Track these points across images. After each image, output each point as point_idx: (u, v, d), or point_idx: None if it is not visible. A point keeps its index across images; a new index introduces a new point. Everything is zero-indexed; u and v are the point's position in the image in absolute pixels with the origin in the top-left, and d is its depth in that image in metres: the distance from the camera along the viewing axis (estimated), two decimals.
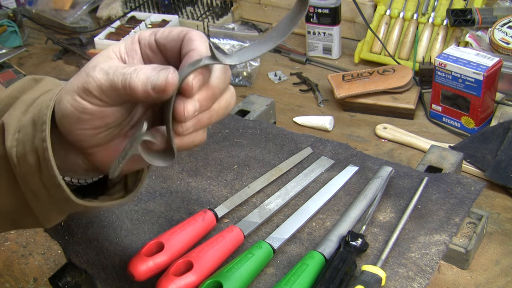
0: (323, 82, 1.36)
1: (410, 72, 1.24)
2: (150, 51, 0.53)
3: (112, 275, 0.70)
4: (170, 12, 1.78)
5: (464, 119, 1.13)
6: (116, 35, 1.67)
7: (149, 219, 0.75)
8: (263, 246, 0.66)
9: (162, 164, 0.51)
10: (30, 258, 1.01)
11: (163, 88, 0.47)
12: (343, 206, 0.75)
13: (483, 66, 1.06)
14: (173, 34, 0.52)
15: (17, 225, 0.60)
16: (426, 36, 1.36)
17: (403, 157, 1.10)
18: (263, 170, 0.82)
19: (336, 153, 0.84)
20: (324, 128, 1.20)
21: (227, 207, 0.74)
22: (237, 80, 1.41)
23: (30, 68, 1.60)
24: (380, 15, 1.42)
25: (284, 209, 0.75)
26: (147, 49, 0.53)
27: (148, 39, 0.53)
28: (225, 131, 0.91)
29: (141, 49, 0.53)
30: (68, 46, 1.63)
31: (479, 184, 0.75)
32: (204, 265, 0.63)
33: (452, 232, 0.68)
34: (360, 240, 0.66)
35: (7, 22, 1.70)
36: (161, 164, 0.51)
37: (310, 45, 1.49)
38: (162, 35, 0.52)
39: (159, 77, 0.47)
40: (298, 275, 0.61)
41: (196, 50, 0.49)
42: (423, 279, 0.63)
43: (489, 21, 1.27)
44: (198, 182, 0.81)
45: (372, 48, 1.41)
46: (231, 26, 1.45)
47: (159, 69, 0.47)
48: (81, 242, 0.73)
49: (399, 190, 0.76)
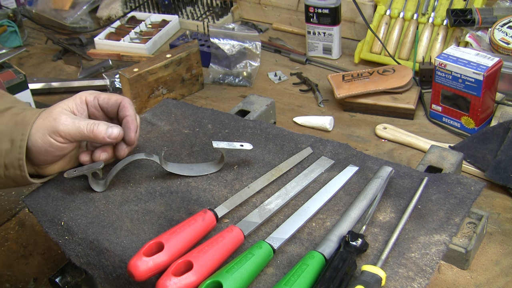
0: (323, 82, 1.36)
1: (410, 72, 1.24)
2: (95, 110, 0.83)
3: (112, 275, 0.70)
4: (170, 12, 1.78)
5: (464, 119, 1.13)
6: (116, 35, 1.67)
7: (149, 219, 0.75)
8: (263, 246, 0.66)
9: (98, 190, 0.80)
10: (30, 258, 1.01)
11: (116, 137, 0.78)
12: (343, 206, 0.75)
13: (483, 66, 1.06)
14: (112, 101, 0.82)
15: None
16: (426, 36, 1.36)
17: (403, 157, 1.10)
18: (263, 170, 0.82)
19: (336, 153, 0.84)
20: (324, 128, 1.20)
21: (227, 207, 0.74)
22: (237, 80, 1.41)
23: (30, 68, 1.60)
24: (380, 15, 1.42)
25: (284, 209, 0.75)
26: (93, 108, 0.82)
27: (93, 102, 0.82)
28: (225, 131, 0.91)
29: (88, 108, 0.82)
30: (68, 46, 1.63)
31: (479, 184, 0.75)
32: (204, 265, 0.63)
33: (452, 232, 0.68)
34: (360, 240, 0.66)
35: (7, 22, 1.70)
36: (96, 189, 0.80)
37: (310, 45, 1.49)
38: (104, 101, 0.82)
39: (114, 131, 0.78)
40: (298, 275, 0.61)
41: (130, 116, 0.81)
42: (423, 279, 0.63)
43: (489, 21, 1.27)
44: (198, 182, 0.81)
45: (372, 48, 1.42)
46: (231, 26, 1.45)
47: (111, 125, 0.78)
48: (81, 242, 0.73)
49: (399, 190, 0.76)
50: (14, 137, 0.75)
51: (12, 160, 0.76)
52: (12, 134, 0.76)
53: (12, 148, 0.75)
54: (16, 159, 0.75)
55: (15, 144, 0.75)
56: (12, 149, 0.75)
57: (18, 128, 0.76)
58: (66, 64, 1.61)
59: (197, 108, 0.98)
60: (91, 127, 0.76)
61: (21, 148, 0.75)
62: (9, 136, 0.76)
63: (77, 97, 0.82)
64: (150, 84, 1.29)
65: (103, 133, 0.77)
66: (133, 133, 0.80)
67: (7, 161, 0.76)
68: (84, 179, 0.82)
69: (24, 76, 1.31)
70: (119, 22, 1.75)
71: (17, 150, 0.75)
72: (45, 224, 0.77)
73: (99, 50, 1.63)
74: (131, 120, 0.81)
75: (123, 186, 0.81)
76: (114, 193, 0.80)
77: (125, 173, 0.84)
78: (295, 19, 1.64)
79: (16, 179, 0.78)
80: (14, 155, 0.75)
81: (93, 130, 0.76)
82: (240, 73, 1.41)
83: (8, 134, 0.76)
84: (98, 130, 0.77)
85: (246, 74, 1.41)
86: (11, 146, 0.75)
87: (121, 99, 0.82)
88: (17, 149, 0.75)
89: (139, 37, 1.66)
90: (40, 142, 0.75)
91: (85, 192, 0.80)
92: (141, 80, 1.27)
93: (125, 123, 0.81)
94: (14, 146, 0.75)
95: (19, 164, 0.76)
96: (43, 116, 0.77)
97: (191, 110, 0.97)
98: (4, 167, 0.77)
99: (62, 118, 0.76)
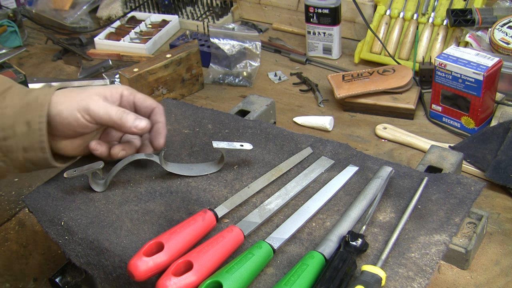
0: (323, 82, 1.36)
1: (410, 72, 1.24)
2: (128, 105, 0.83)
3: (112, 275, 0.70)
4: (170, 12, 1.78)
5: (464, 119, 1.13)
6: (116, 35, 1.67)
7: (149, 219, 0.75)
8: (263, 246, 0.66)
9: (98, 190, 0.80)
10: (30, 258, 1.01)
11: (143, 129, 0.79)
12: (343, 206, 0.75)
13: (483, 66, 1.06)
14: (147, 103, 0.83)
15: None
16: (426, 36, 1.36)
17: (403, 157, 1.10)
18: (263, 170, 0.82)
19: (336, 153, 0.84)
20: (324, 128, 1.20)
21: (227, 207, 0.74)
22: (237, 80, 1.41)
23: (30, 68, 1.60)
24: (380, 15, 1.42)
25: (284, 209, 0.75)
26: (126, 103, 0.83)
27: (129, 98, 0.82)
28: (225, 131, 0.91)
29: (121, 102, 0.82)
30: (68, 46, 1.63)
31: (479, 184, 0.75)
32: (204, 265, 0.63)
33: (452, 232, 0.68)
34: (360, 240, 0.66)
35: (7, 22, 1.70)
36: (97, 190, 0.80)
37: (310, 45, 1.49)
38: (139, 100, 0.83)
39: (142, 122, 0.79)
40: (298, 275, 0.61)
41: (162, 123, 0.83)
42: (423, 279, 0.63)
43: (489, 21, 1.27)
44: (198, 182, 0.81)
45: (372, 48, 1.42)
46: (231, 26, 1.45)
47: (140, 117, 0.79)
48: (81, 242, 0.73)
49: (399, 190, 0.76)
50: (30, 118, 0.74)
51: (32, 143, 0.75)
52: (26, 116, 0.74)
53: (30, 130, 0.74)
54: (38, 141, 0.74)
55: (33, 127, 0.74)
56: (30, 132, 0.74)
57: (33, 109, 0.74)
58: (66, 64, 1.61)
59: (197, 108, 0.98)
60: (121, 114, 0.77)
61: (41, 130, 0.74)
62: (23, 118, 0.74)
63: (113, 87, 0.82)
64: (150, 84, 1.29)
65: (131, 122, 0.78)
66: (162, 139, 0.82)
67: (26, 144, 0.75)
68: (84, 179, 0.82)
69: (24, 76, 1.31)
70: (119, 22, 1.75)
71: (37, 133, 0.74)
72: (45, 224, 0.77)
73: (99, 50, 1.63)
74: (162, 127, 0.83)
75: (123, 186, 0.81)
76: (114, 193, 0.80)
77: (125, 173, 0.84)
78: (295, 19, 1.64)
79: (38, 161, 0.77)
80: (33, 137, 0.74)
81: (121, 117, 0.77)
82: (240, 73, 1.41)
83: (22, 116, 0.74)
84: (127, 118, 0.78)
85: (246, 74, 1.41)
86: (28, 129, 0.74)
87: (156, 105, 0.84)
88: (36, 132, 0.74)
89: (139, 37, 1.66)
90: (66, 114, 0.76)
91: (85, 192, 0.81)
92: (141, 80, 1.27)
93: (156, 128, 0.82)
94: (32, 128, 0.74)
95: (41, 147, 0.75)
96: (75, 91, 0.78)
97: (191, 110, 0.97)
98: (22, 150, 0.75)
99: (95, 98, 0.77)
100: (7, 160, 0.77)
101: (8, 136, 0.75)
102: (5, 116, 0.74)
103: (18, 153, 0.76)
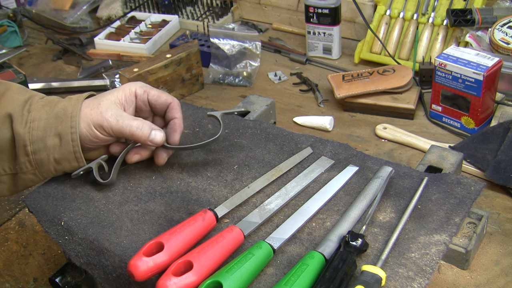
0: (323, 82, 1.36)
1: (410, 72, 1.24)
2: (143, 104, 0.82)
3: (112, 275, 0.70)
4: (170, 12, 1.78)
5: (464, 119, 1.13)
6: (116, 35, 1.67)
7: (149, 219, 0.75)
8: (263, 246, 0.66)
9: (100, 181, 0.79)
10: (30, 258, 1.01)
11: (158, 143, 0.79)
12: (343, 206, 0.75)
13: (483, 66, 1.06)
14: (162, 100, 0.82)
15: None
16: (426, 36, 1.36)
17: (403, 157, 1.10)
18: (263, 170, 0.82)
19: (336, 153, 0.84)
20: (324, 128, 1.20)
21: (227, 207, 0.74)
22: (237, 80, 1.41)
23: (30, 68, 1.60)
24: (380, 15, 1.42)
25: (284, 209, 0.75)
26: (140, 102, 0.82)
27: (142, 96, 0.82)
28: (225, 131, 0.91)
29: (136, 101, 0.82)
30: (68, 46, 1.63)
31: (479, 184, 0.75)
32: (204, 265, 0.63)
33: (452, 232, 0.68)
34: (360, 240, 0.66)
35: (7, 22, 1.70)
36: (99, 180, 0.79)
37: (310, 45, 1.49)
38: (153, 98, 0.82)
39: (157, 136, 0.78)
40: (298, 275, 0.61)
41: (178, 119, 0.82)
42: (423, 279, 0.63)
43: (489, 21, 1.27)
44: (198, 182, 0.81)
45: (372, 48, 1.42)
46: (231, 26, 1.45)
47: (155, 128, 0.79)
48: (81, 242, 0.73)
49: (399, 190, 0.76)
50: (61, 130, 0.75)
51: (65, 155, 0.76)
52: (56, 128, 0.75)
53: (62, 142, 0.76)
54: (71, 152, 0.76)
55: (65, 138, 0.75)
56: (63, 144, 0.76)
57: (63, 121, 0.76)
58: (66, 64, 1.61)
59: (197, 108, 0.98)
60: (134, 131, 0.77)
61: (75, 141, 0.76)
62: (54, 130, 0.76)
63: (127, 88, 0.81)
64: (150, 84, 1.29)
65: (146, 137, 0.78)
66: (178, 135, 0.82)
67: (57, 156, 0.76)
68: (84, 179, 0.82)
69: (24, 76, 1.31)
70: (119, 22, 1.75)
71: (70, 144, 0.76)
72: (45, 224, 0.77)
73: (99, 50, 1.63)
74: (178, 123, 0.82)
75: (123, 186, 0.81)
76: (114, 193, 0.80)
77: (125, 173, 0.84)
78: (295, 19, 1.64)
79: (70, 170, 0.79)
80: (66, 149, 0.76)
81: (134, 133, 0.77)
82: (240, 73, 1.41)
83: (52, 129, 0.76)
84: (141, 133, 0.77)
85: (246, 74, 1.41)
86: (59, 141, 0.76)
87: (171, 99, 0.83)
88: (69, 143, 0.76)
89: (139, 37, 1.66)
90: (85, 132, 0.77)
91: (85, 192, 0.80)
92: (141, 80, 1.27)
93: (172, 125, 0.82)
94: (65, 140, 0.75)
95: (75, 157, 0.77)
96: (90, 106, 0.77)
97: (191, 110, 0.97)
98: (54, 162, 0.77)
99: (108, 114, 0.77)
100: (37, 173, 0.78)
101: (38, 149, 0.76)
102: (33, 129, 0.75)
103: (49, 165, 0.77)
